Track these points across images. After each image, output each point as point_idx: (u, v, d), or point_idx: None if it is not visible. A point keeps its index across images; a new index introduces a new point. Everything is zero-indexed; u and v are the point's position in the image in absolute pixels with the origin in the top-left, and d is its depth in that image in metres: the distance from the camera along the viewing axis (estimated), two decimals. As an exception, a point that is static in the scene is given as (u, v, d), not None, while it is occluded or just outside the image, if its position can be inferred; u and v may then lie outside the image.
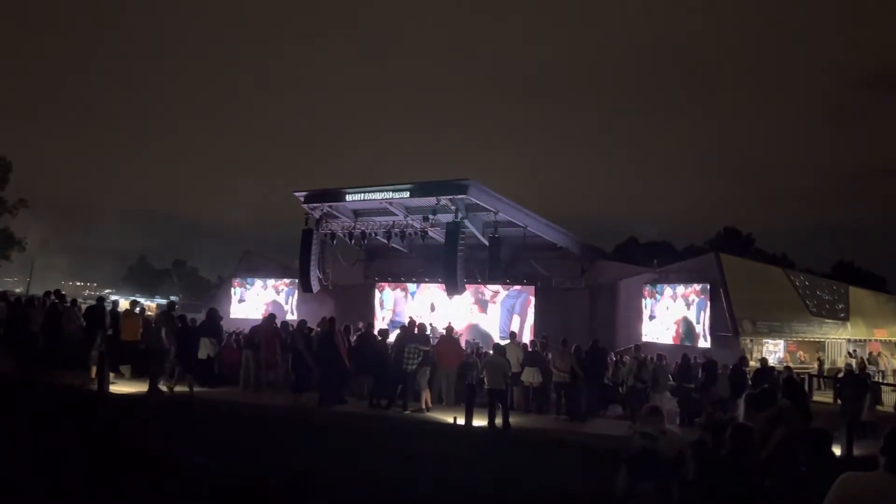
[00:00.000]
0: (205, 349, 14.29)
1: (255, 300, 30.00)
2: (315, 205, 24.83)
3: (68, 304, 16.27)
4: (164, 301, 34.87)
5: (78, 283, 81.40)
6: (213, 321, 14.77)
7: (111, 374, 13.26)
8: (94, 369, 13.40)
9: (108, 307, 15.97)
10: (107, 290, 64.50)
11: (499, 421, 12.16)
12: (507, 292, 25.58)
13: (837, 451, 11.14)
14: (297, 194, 25.12)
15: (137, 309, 15.53)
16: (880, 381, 20.16)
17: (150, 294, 53.86)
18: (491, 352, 14.59)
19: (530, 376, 14.27)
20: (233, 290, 30.88)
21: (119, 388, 13.22)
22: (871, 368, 22.33)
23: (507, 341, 15.23)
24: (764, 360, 17.23)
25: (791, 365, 20.24)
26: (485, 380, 12.74)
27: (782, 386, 8.53)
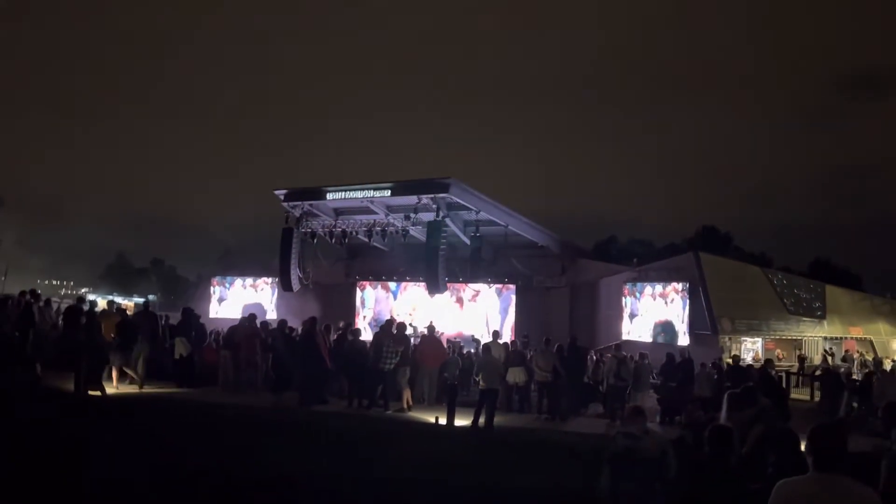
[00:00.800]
0: (179, 349, 14.17)
1: (235, 299, 29.78)
2: (295, 203, 24.69)
3: (42, 304, 16.02)
4: (141, 300, 34.52)
5: (54, 282, 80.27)
6: (189, 321, 14.66)
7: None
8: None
9: (86, 307, 15.71)
10: (84, 289, 63.72)
11: (481, 420, 12.15)
12: (491, 289, 25.61)
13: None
14: (276, 192, 24.95)
15: (115, 309, 15.36)
16: (857, 378, 20.42)
17: (128, 293, 53.24)
18: (472, 350, 14.60)
19: (515, 376, 14.24)
20: (212, 288, 30.61)
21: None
22: (845, 366, 22.70)
23: (492, 340, 15.24)
24: (736, 358, 17.37)
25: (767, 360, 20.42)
26: (480, 380, 12.70)
27: (760, 382, 8.57)
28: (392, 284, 27.63)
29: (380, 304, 27.71)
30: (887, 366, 21.14)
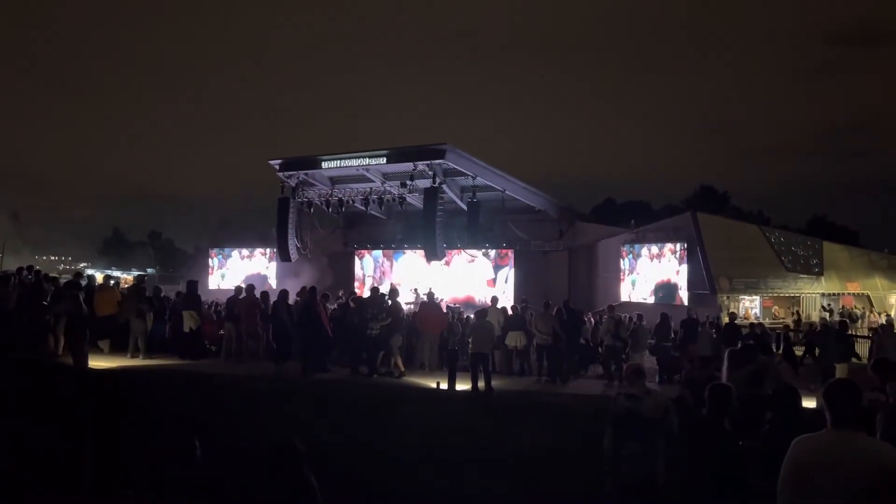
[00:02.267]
0: (188, 322, 14.19)
1: (234, 270, 29.83)
2: (290, 173, 24.57)
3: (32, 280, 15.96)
4: (140, 273, 34.56)
5: (52, 258, 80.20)
6: (195, 293, 14.68)
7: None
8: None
9: (84, 282, 15.67)
10: (82, 264, 63.68)
11: (481, 384, 12.24)
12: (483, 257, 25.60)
13: (814, 404, 11.40)
14: (271, 163, 24.80)
15: (112, 283, 15.34)
16: (854, 333, 20.56)
17: (126, 267, 53.20)
18: (472, 316, 14.62)
19: (515, 340, 14.36)
20: (210, 260, 30.64)
21: (98, 363, 13.08)
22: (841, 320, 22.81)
23: (489, 305, 15.27)
24: (732, 315, 17.45)
25: (761, 321, 20.51)
26: (470, 344, 12.78)
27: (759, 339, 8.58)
28: (391, 252, 27.67)
29: (379, 272, 27.77)
30: (882, 319, 21.29)
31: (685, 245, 21.86)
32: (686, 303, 20.87)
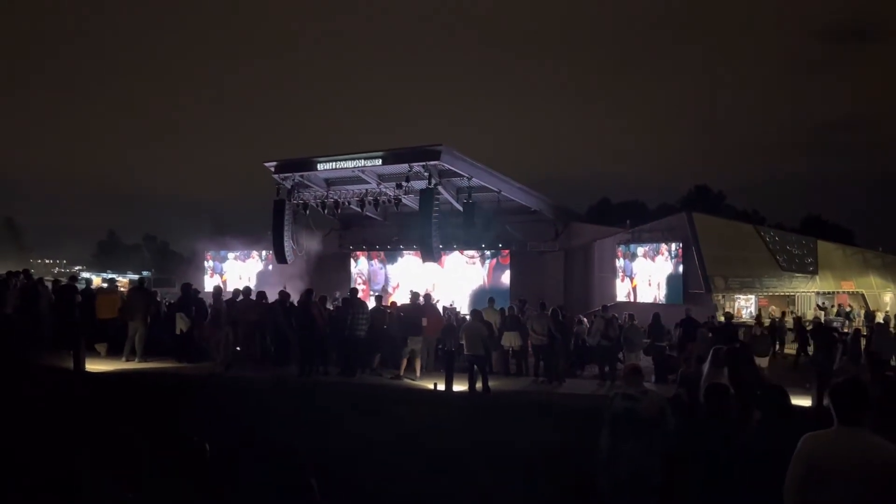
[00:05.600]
0: (179, 324, 14.19)
1: (229, 273, 29.84)
2: (286, 175, 24.57)
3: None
4: (136, 277, 34.49)
5: (47, 261, 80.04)
6: (188, 296, 14.67)
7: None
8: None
9: (81, 286, 15.69)
10: (77, 267, 63.58)
11: (479, 386, 12.27)
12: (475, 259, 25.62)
13: (808, 402, 11.47)
14: (267, 165, 24.80)
15: (113, 286, 15.37)
16: (848, 331, 20.65)
17: (122, 270, 53.13)
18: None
19: (510, 340, 14.40)
20: (206, 262, 30.62)
21: (95, 366, 13.08)
22: (839, 320, 22.93)
23: (486, 306, 15.31)
24: (728, 315, 17.50)
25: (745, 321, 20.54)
26: (464, 346, 12.82)
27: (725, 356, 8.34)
28: (386, 253, 27.69)
29: (375, 274, 27.79)
30: (879, 318, 21.39)
31: (680, 245, 21.93)
32: (681, 302, 20.92)
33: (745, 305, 24.21)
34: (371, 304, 15.48)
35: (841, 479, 3.12)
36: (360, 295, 15.14)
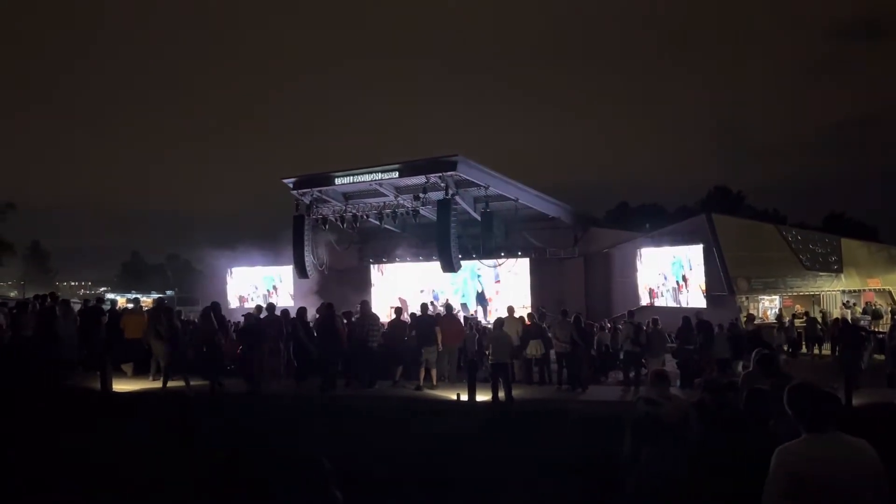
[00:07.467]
0: (201, 342, 14.30)
1: (251, 289, 30.09)
2: (304, 190, 24.74)
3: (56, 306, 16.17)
4: (160, 296, 34.90)
5: (73, 283, 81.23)
6: (210, 315, 14.76)
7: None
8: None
9: (106, 306, 15.87)
10: (102, 289, 64.42)
11: (501, 394, 12.26)
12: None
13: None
14: (285, 181, 25.00)
15: (138, 306, 15.54)
16: (876, 330, 20.38)
17: (146, 290, 53.73)
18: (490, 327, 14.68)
19: (534, 349, 14.40)
20: (227, 279, 30.90)
21: (122, 386, 13.24)
22: (866, 318, 22.59)
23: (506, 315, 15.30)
24: (751, 317, 17.29)
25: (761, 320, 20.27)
26: (489, 354, 12.84)
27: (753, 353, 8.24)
28: (407, 265, 27.79)
29: (395, 286, 27.88)
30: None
31: (701, 247, 21.75)
32: (704, 305, 20.74)
33: (769, 306, 23.94)
34: (392, 316, 15.52)
35: (829, 487, 3.02)
36: (372, 307, 15.23)
